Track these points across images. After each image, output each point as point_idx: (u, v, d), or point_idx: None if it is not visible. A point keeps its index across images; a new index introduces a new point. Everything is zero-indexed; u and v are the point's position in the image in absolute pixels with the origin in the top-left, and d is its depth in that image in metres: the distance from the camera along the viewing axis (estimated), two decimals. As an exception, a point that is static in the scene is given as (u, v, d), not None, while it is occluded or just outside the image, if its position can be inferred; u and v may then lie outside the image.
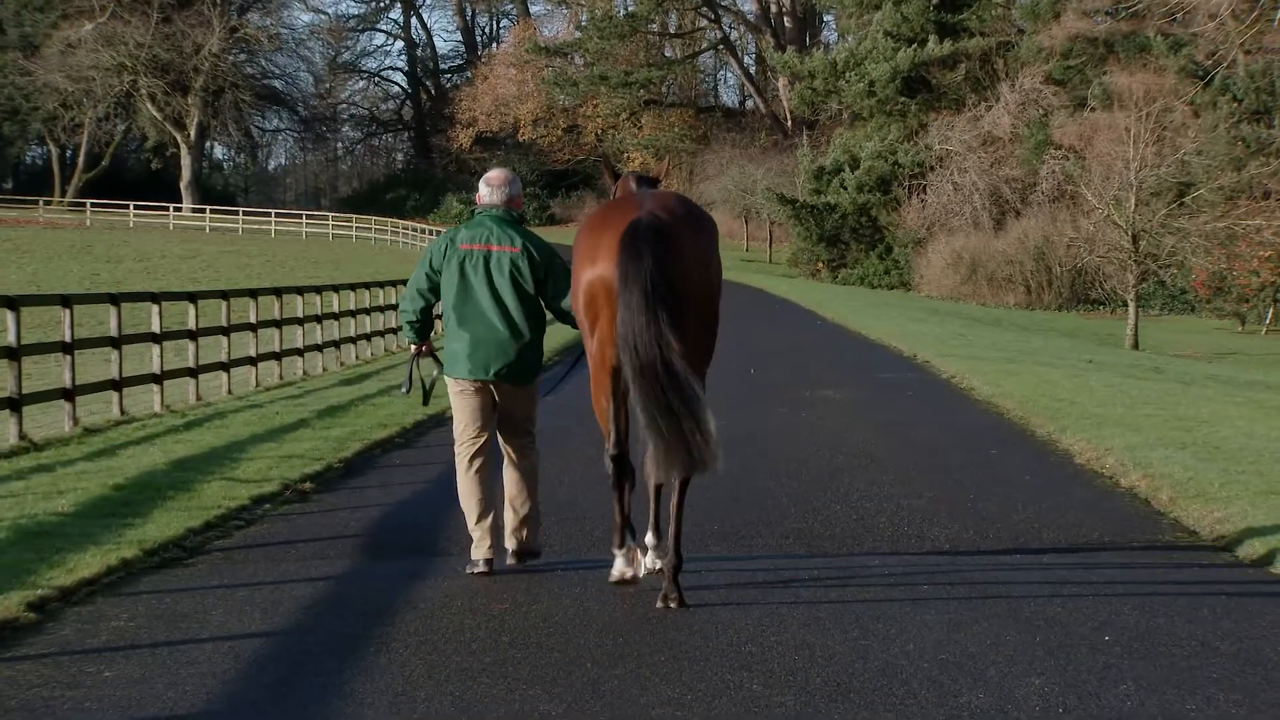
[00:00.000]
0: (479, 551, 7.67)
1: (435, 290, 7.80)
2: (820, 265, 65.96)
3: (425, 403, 8.68)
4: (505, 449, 7.87)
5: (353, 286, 28.58)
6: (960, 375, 20.67)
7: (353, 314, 27.29)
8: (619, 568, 7.34)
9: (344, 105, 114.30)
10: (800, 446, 13.05)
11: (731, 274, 64.13)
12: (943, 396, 18.36)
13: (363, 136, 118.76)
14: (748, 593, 7.19)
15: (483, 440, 7.82)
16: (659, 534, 7.37)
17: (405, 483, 10.96)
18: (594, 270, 6.97)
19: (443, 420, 15.15)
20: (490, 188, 7.96)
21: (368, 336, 28.04)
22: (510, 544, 7.82)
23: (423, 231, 77.34)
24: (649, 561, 7.37)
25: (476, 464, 7.77)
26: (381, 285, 31.03)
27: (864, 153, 62.32)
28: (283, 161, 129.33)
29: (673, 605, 6.79)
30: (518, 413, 7.86)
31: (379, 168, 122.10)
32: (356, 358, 26.67)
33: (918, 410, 16.41)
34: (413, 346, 8.14)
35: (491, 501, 7.74)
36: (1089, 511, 9.78)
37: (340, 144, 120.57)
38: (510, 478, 7.85)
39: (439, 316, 8.96)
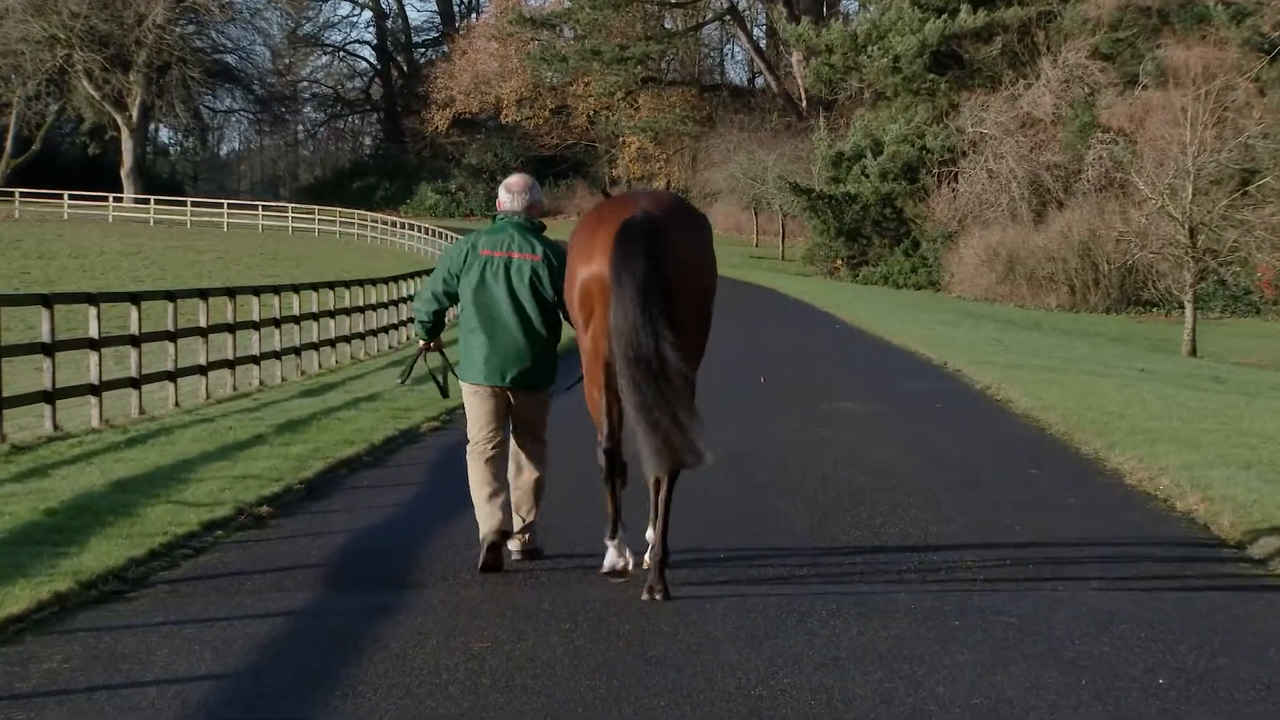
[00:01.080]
0: (489, 525, 8.51)
1: (452, 294, 8.81)
2: (839, 262, 66.06)
3: (445, 394, 9.85)
4: (515, 452, 8.75)
5: (315, 286, 28.61)
6: (996, 385, 20.70)
7: (315, 317, 27.33)
8: (610, 559, 8.22)
9: (305, 83, 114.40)
10: (815, 465, 13.07)
11: (740, 272, 64.24)
12: (976, 409, 18.38)
13: (326, 118, 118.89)
14: (757, 629, 7.20)
15: (496, 440, 8.74)
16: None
17: (374, 506, 10.97)
18: (589, 268, 7.89)
19: (416, 437, 15.17)
20: (510, 194, 8.90)
21: (332, 343, 28.08)
22: (513, 544, 8.79)
23: (394, 225, 77.43)
24: (649, 557, 8.04)
25: (490, 454, 8.70)
26: (347, 285, 31.08)
27: (888, 136, 62.44)
28: (236, 146, 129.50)
29: (658, 598, 7.65)
30: (530, 418, 8.75)
31: (344, 153, 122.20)
32: (319, 366, 26.69)
33: (948, 424, 16.43)
34: (421, 344, 9.23)
35: (503, 483, 8.66)
36: (1141, 538, 9.79)
37: (301, 127, 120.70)
38: (518, 481, 8.73)
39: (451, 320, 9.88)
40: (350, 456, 13.39)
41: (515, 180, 8.97)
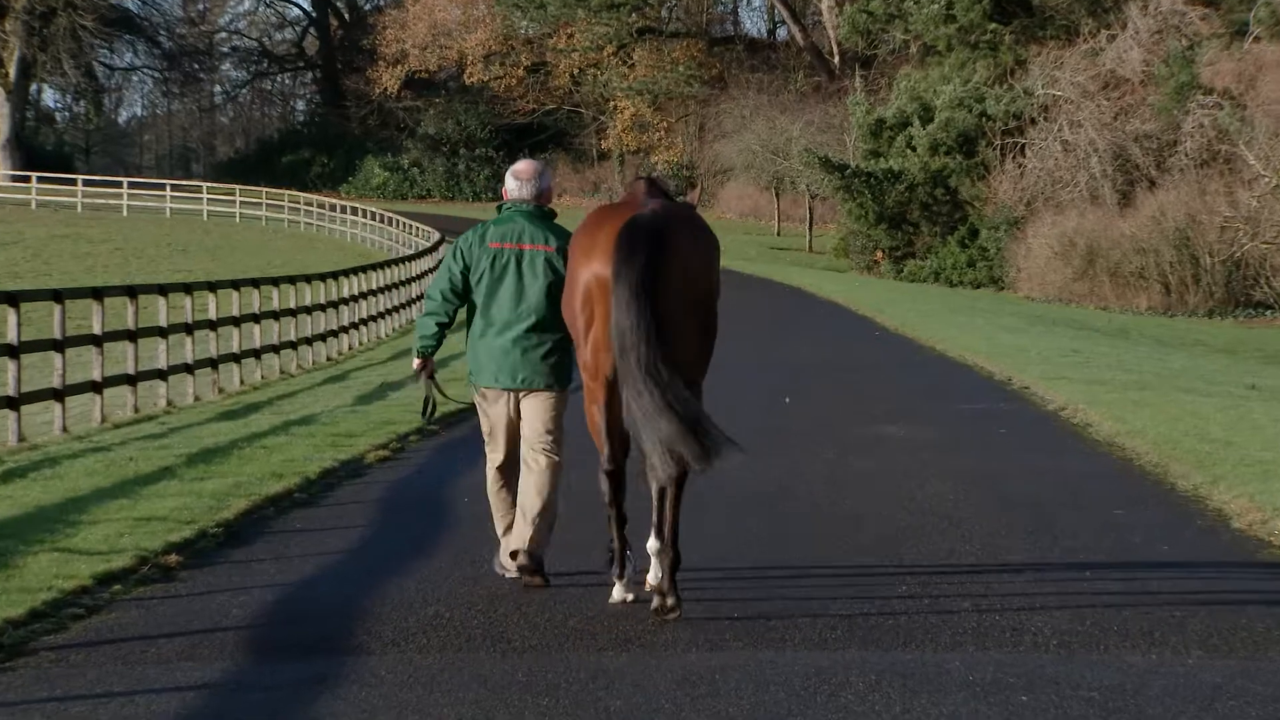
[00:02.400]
0: (515, 543, 9.59)
1: (465, 293, 9.70)
2: (879, 255, 66.17)
3: (430, 418, 10.73)
4: (527, 457, 9.65)
5: (235, 285, 28.63)
6: (1073, 407, 20.72)
7: (235, 322, 27.36)
8: (618, 593, 9.19)
9: (223, 35, 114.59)
10: (852, 503, 13.07)
11: (758, 267, 64.30)
12: (1048, 436, 18.39)
13: (249, 78, 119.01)
14: (779, 705, 7.21)
15: (512, 451, 9.75)
16: (662, 538, 8.96)
17: (309, 554, 10.97)
18: (590, 268, 8.84)
19: (360, 470, 15.18)
20: (519, 181, 9.81)
21: (256, 353, 28.11)
22: (515, 543, 9.61)
23: (334, 209, 77.50)
24: (651, 577, 8.96)
25: (506, 476, 9.79)
26: (276, 283, 31.12)
27: (940, 100, 62.56)
28: (139, 112, 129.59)
29: (671, 616, 8.76)
30: (543, 421, 9.65)
31: (272, 121, 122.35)
32: (241, 382, 26.71)
33: (1013, 454, 16.44)
34: (417, 361, 10.04)
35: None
36: (1251, 595, 9.80)
37: (218, 88, 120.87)
38: (526, 486, 9.62)
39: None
40: (279, 493, 13.39)
41: (523, 166, 9.86)
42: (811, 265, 71.09)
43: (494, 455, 9.86)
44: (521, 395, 9.68)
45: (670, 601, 8.79)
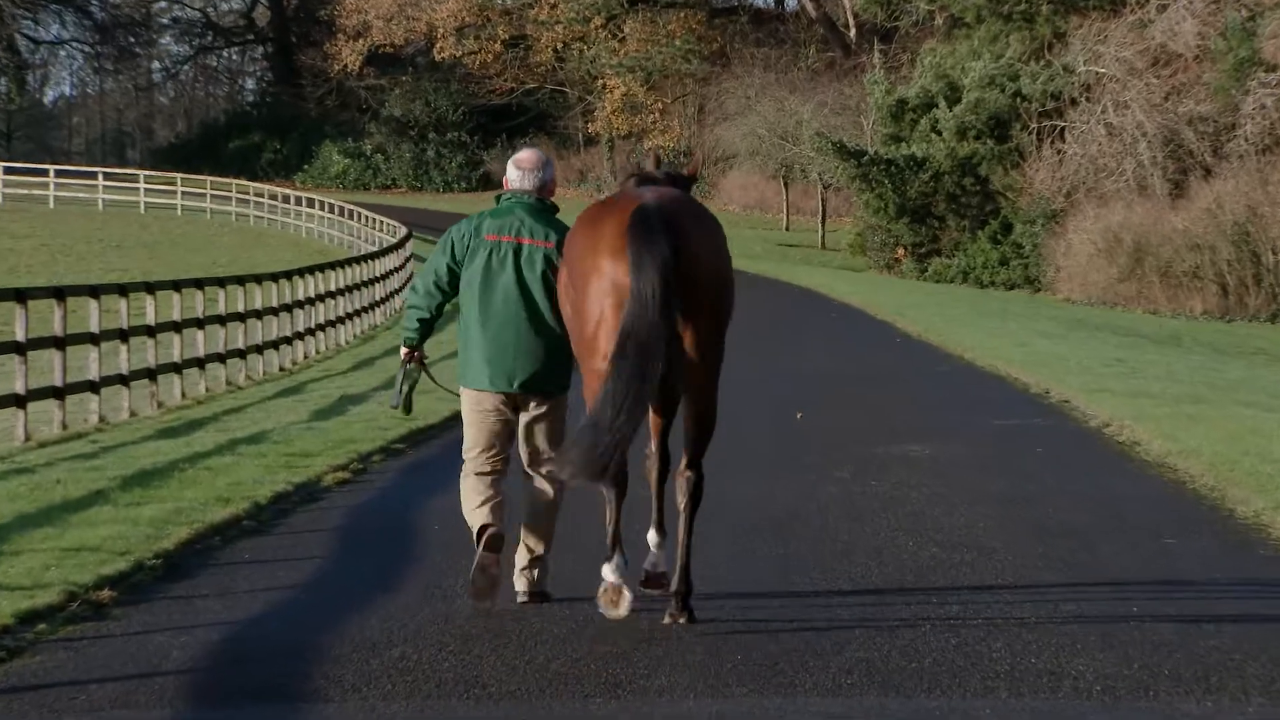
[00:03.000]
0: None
1: (454, 285, 10.24)
2: (901, 252, 66.23)
3: (409, 411, 10.99)
4: (529, 481, 10.21)
5: (176, 285, 28.64)
6: (1118, 422, 20.74)
7: (176, 328, 27.34)
8: (610, 578, 9.64)
9: (163, 4, 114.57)
10: (870, 532, 13.08)
11: (765, 265, 64.32)
12: (1090, 455, 18.40)
13: (192, 53, 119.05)
14: (789, 759, 7.20)
15: (498, 461, 10.21)
16: (663, 531, 9.88)
17: (259, 589, 10.97)
18: (598, 264, 9.40)
19: (316, 494, 15.17)
20: (520, 171, 10.38)
21: (200, 363, 28.09)
22: (520, 584, 10.24)
23: (287, 201, 77.43)
24: (648, 563, 10.00)
25: (486, 469, 10.17)
26: (222, 284, 31.12)
27: (969, 79, 62.64)
28: (68, 91, 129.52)
29: (682, 620, 9.57)
30: (545, 436, 10.19)
31: (218, 102, 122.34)
32: (183, 395, 26.69)
33: (1051, 477, 16.45)
34: (404, 351, 10.66)
35: (499, 493, 10.19)
36: (1318, 633, 9.81)
37: (157, 64, 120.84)
38: (532, 519, 10.17)
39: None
40: (225, 520, 13.39)
41: (526, 156, 10.47)
42: (825, 264, 71.15)
43: (474, 465, 10.20)
44: (519, 401, 10.15)
45: (683, 621, 9.58)
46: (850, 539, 12.78)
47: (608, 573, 9.61)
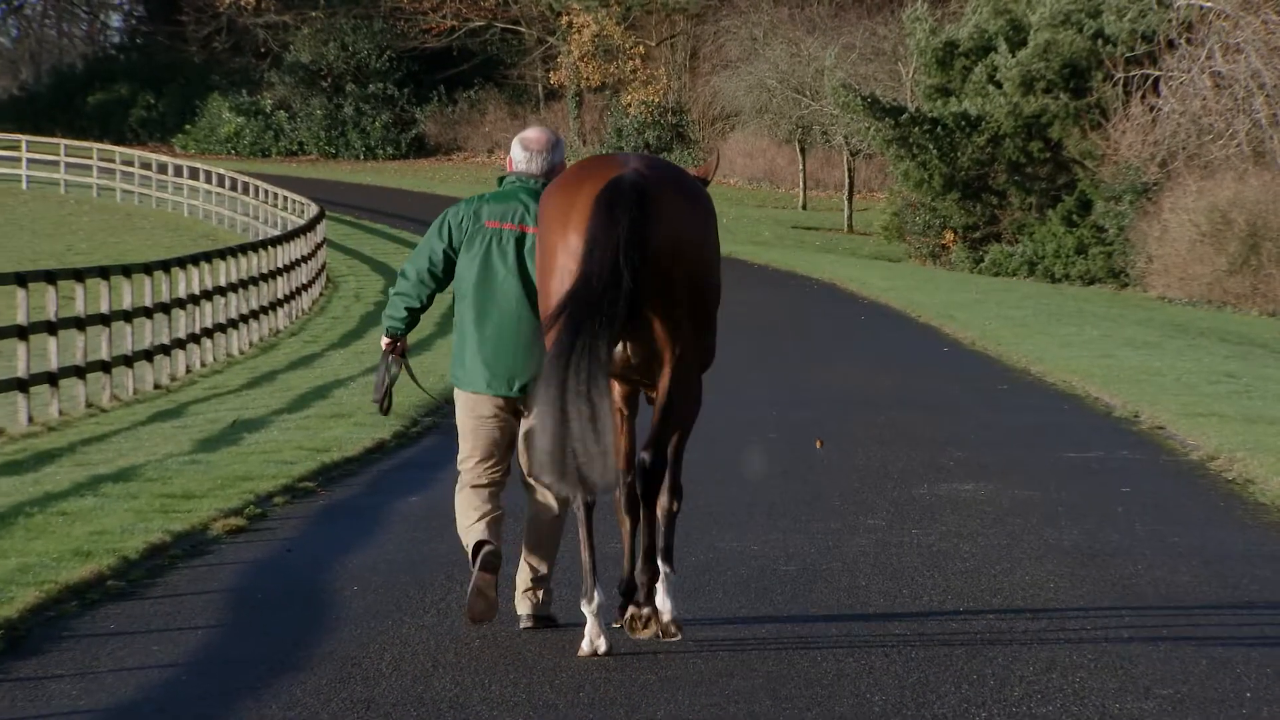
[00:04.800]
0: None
1: (450, 274, 11.38)
2: (950, 238, 66.21)
3: (386, 411, 12.17)
4: (533, 495, 11.34)
5: (21, 279, 28.46)
6: (1227, 455, 20.72)
7: (21, 333, 27.24)
8: (589, 643, 10.70)
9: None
10: (910, 595, 13.07)
11: (776, 253, 64.20)
12: (1192, 498, 18.37)
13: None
14: None
15: (497, 474, 11.37)
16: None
17: (128, 667, 10.94)
18: (565, 237, 10.51)
19: (201, 545, 15.12)
20: (528, 153, 11.52)
21: (52, 378, 27.98)
22: (522, 608, 11.37)
23: (165, 170, 77.19)
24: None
25: (483, 481, 11.31)
26: (79, 276, 30.96)
27: (1036, 15, 62.68)
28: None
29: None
30: None
31: (74, 45, 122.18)
32: (30, 420, 26.59)
33: (1140, 525, 16.42)
34: (385, 340, 11.76)
35: (498, 507, 11.35)
36: None
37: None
38: (535, 537, 11.32)
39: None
40: (85, 580, 13.33)
41: (534, 135, 11.60)
42: (852, 252, 71.13)
43: (471, 478, 11.36)
44: (520, 406, 11.27)
45: (646, 612, 10.73)
46: (886, 604, 12.75)
47: (589, 638, 10.70)
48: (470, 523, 11.26)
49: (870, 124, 66.54)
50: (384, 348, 11.79)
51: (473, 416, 11.38)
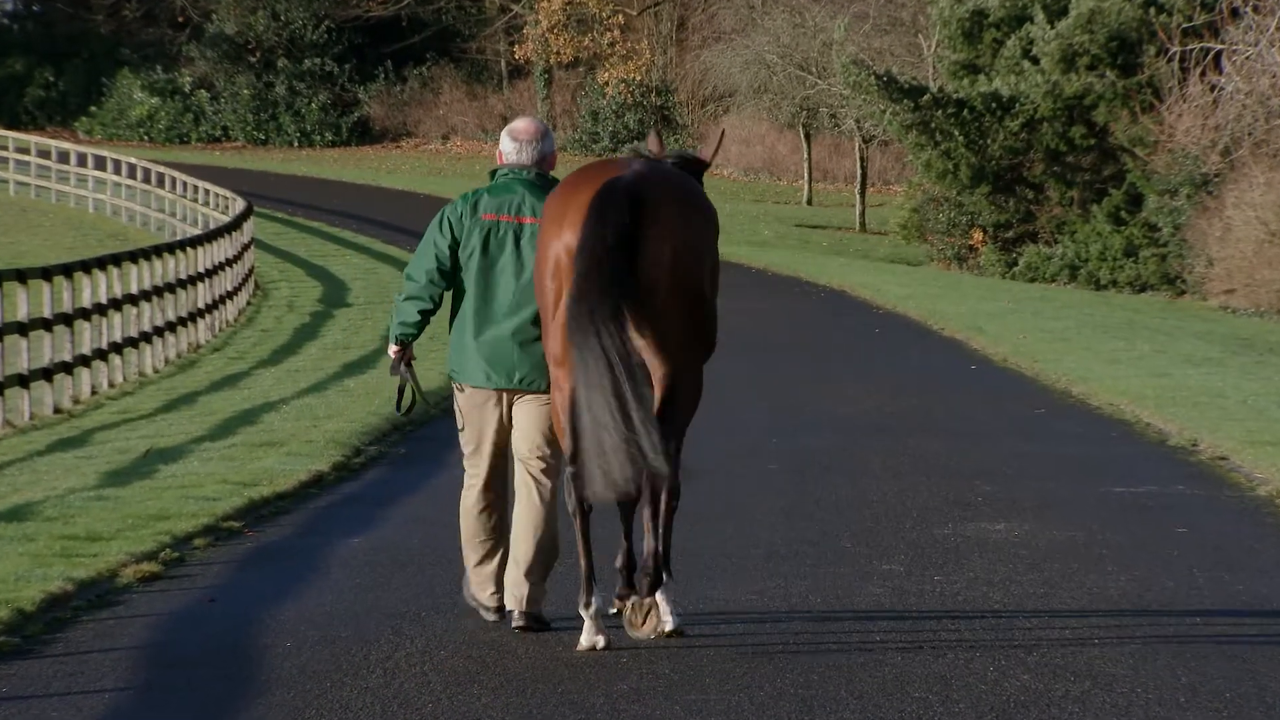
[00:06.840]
0: (485, 595, 13.00)
1: (454, 272, 12.92)
2: (978, 238, 66.28)
3: (408, 412, 13.91)
4: (521, 481, 12.87)
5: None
6: (1300, 492, 20.77)
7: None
8: (587, 638, 12.25)
9: None
10: (932, 652, 13.07)
11: (778, 255, 64.27)
12: (1257, 540, 18.40)
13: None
14: None
15: (499, 468, 12.99)
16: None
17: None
18: (560, 238, 12.10)
19: (109, 596, 15.12)
20: (517, 144, 13.19)
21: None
22: (511, 603, 12.86)
23: (67, 159, 77.17)
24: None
25: (489, 498, 12.96)
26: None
27: (1077, -19, 62.72)
28: None
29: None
30: (541, 430, 12.85)
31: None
32: (-91, 449, 26.57)
33: (1200, 571, 16.45)
34: (393, 349, 13.33)
35: (503, 542, 12.95)
36: None
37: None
38: (522, 527, 12.75)
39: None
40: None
41: (524, 126, 13.29)
42: (865, 254, 71.21)
43: (476, 473, 13.00)
44: (516, 398, 12.90)
45: (648, 602, 12.23)
46: (903, 662, 12.78)
47: (587, 636, 12.33)
48: (475, 564, 12.95)
49: (886, 106, 66.56)
50: (392, 355, 13.34)
51: (473, 408, 12.95)
